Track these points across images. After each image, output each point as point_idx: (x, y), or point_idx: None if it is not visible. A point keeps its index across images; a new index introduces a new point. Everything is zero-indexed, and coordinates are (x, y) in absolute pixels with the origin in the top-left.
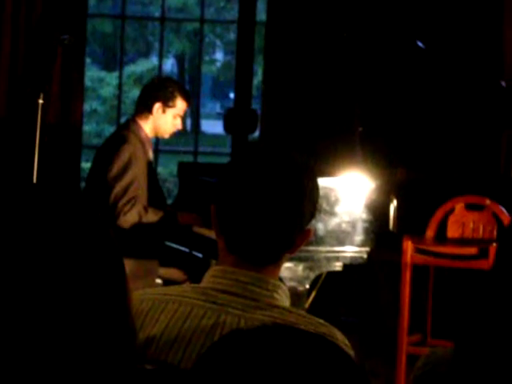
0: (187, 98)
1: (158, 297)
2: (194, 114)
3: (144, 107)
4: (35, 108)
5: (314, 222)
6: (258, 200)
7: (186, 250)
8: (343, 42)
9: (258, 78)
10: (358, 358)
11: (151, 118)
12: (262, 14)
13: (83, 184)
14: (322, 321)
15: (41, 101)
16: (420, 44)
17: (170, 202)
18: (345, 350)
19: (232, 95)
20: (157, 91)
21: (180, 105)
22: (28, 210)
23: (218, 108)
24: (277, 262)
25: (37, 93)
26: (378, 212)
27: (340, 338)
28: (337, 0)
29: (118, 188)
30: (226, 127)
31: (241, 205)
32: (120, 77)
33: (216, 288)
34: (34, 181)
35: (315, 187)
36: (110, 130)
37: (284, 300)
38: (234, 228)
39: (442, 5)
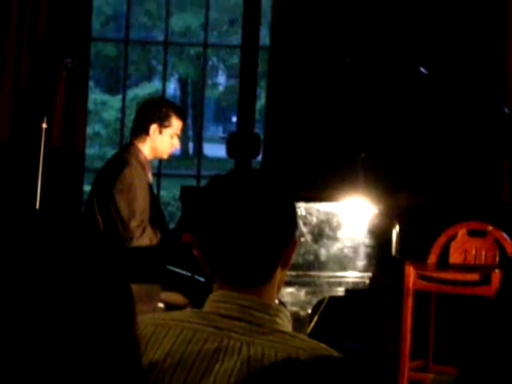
0: (182, 116)
1: (161, 322)
2: (196, 137)
3: (140, 130)
4: (38, 132)
5: (315, 246)
6: (233, 226)
7: (188, 274)
8: (346, 67)
9: (260, 102)
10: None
11: (149, 139)
12: (265, 39)
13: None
14: (323, 345)
15: (44, 125)
16: (423, 70)
17: (172, 225)
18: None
19: (234, 119)
20: (151, 112)
21: (176, 124)
22: (33, 237)
23: (220, 132)
24: (271, 281)
25: (40, 117)
26: (380, 237)
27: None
28: (340, 26)
29: (125, 211)
30: (228, 151)
31: (218, 235)
32: (123, 100)
33: (218, 313)
34: (38, 204)
35: (289, 202)
36: (112, 153)
37: (286, 324)
38: (218, 259)
39: (445, 31)
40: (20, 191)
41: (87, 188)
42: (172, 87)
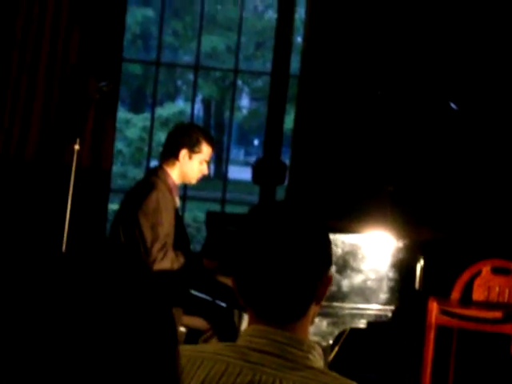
0: (212, 142)
1: (194, 354)
2: (218, 159)
3: (170, 154)
4: (68, 152)
5: (339, 278)
6: (270, 262)
7: (210, 298)
8: (377, 99)
9: (285, 128)
10: None
11: (178, 164)
12: (294, 66)
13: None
14: (354, 383)
15: (77, 146)
16: (453, 105)
17: (195, 247)
18: None
19: (256, 142)
20: (182, 138)
21: (205, 150)
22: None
23: (242, 154)
24: (305, 316)
25: (73, 138)
26: (404, 271)
27: None
28: (372, 57)
29: (148, 234)
30: (254, 177)
31: (255, 270)
32: (152, 120)
33: (251, 347)
34: (67, 224)
35: (324, 239)
36: (134, 171)
37: (318, 361)
38: (254, 295)
39: (476, 65)
40: (49, 211)
41: (109, 206)
42: (195, 108)
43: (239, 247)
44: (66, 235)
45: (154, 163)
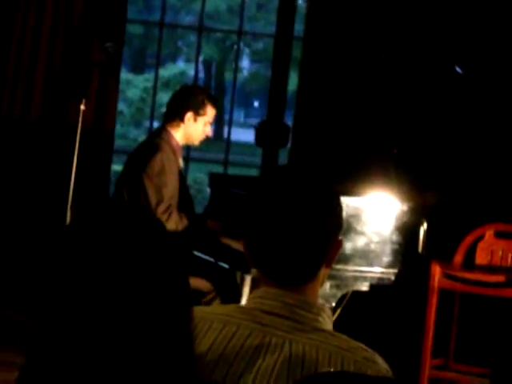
0: (216, 104)
1: (204, 314)
2: (220, 122)
3: (175, 116)
4: (70, 112)
5: (343, 239)
6: (282, 224)
7: (212, 260)
8: (381, 62)
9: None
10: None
11: (182, 126)
12: (297, 28)
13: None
14: (363, 345)
15: (82, 107)
16: (458, 69)
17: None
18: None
19: (256, 104)
20: (187, 100)
21: (210, 112)
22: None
23: (242, 116)
24: (315, 279)
25: (79, 98)
26: (407, 234)
27: (381, 362)
28: (377, 20)
29: (153, 196)
30: (257, 140)
31: (266, 232)
32: (156, 81)
33: (262, 309)
34: (72, 182)
35: (336, 202)
36: (134, 132)
37: (328, 323)
38: (265, 256)
39: (482, 30)
40: (53, 170)
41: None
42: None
43: (250, 209)
44: (71, 194)
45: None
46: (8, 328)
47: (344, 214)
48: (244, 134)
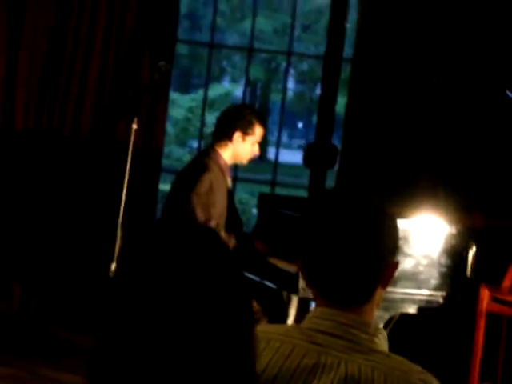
0: (264, 124)
1: (260, 334)
2: (264, 142)
3: (223, 136)
4: (120, 131)
5: (399, 261)
6: (338, 246)
7: (259, 279)
8: (432, 85)
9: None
10: None
11: (230, 145)
12: (348, 50)
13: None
14: (419, 368)
15: (134, 126)
16: (509, 93)
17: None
18: None
19: (300, 125)
20: (235, 120)
21: (258, 131)
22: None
23: (285, 137)
24: (371, 299)
25: (131, 117)
26: (455, 257)
27: None
28: (428, 42)
29: (201, 215)
30: (305, 161)
31: (324, 253)
32: (205, 100)
33: (317, 329)
34: (123, 203)
35: (392, 224)
36: (178, 152)
37: (384, 344)
38: (322, 277)
39: None
40: (103, 189)
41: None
42: (240, 90)
43: (307, 230)
44: (121, 213)
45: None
46: (53, 344)
47: None
48: (288, 155)
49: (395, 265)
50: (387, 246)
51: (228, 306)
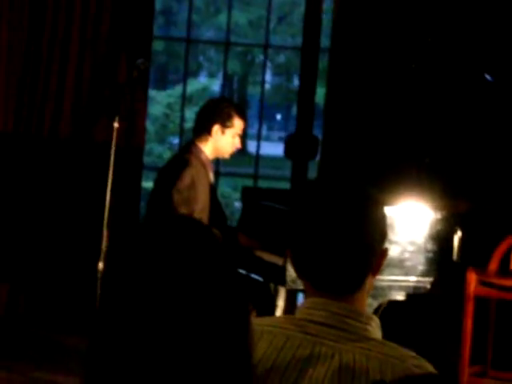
0: (244, 116)
1: (254, 327)
2: (245, 136)
3: (203, 130)
4: (99, 129)
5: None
6: (327, 235)
7: (244, 272)
8: (411, 71)
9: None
10: None
11: (211, 139)
12: (324, 40)
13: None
14: (413, 353)
15: (116, 124)
16: (488, 76)
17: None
18: None
19: (279, 117)
20: (213, 113)
21: (238, 124)
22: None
23: (264, 130)
24: (362, 288)
25: (112, 116)
26: (441, 242)
27: (431, 370)
28: (406, 30)
29: (184, 211)
30: (286, 152)
31: (313, 243)
32: (184, 96)
33: (311, 319)
34: (107, 200)
35: (380, 210)
36: (158, 148)
37: (377, 332)
38: (312, 267)
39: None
40: (85, 189)
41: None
42: (217, 84)
43: (295, 222)
44: (107, 213)
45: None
46: (44, 346)
47: None
48: (269, 148)
49: (385, 252)
50: (376, 233)
51: (224, 299)
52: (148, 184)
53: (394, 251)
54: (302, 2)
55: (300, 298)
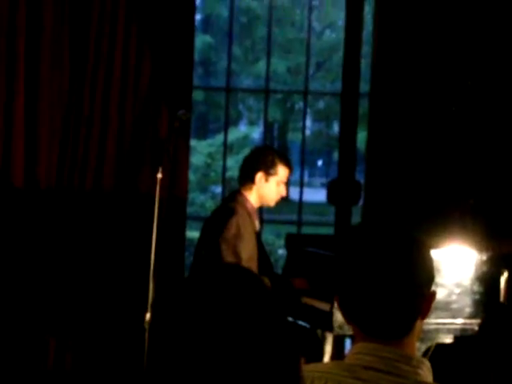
0: (288, 163)
1: (304, 373)
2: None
3: (247, 178)
4: (144, 181)
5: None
6: (376, 279)
7: (291, 319)
8: (452, 114)
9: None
10: None
11: (255, 188)
12: (363, 85)
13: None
14: None
15: (159, 175)
16: None
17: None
18: None
19: (320, 163)
20: (257, 161)
21: (282, 171)
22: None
23: (306, 176)
24: (412, 332)
25: (155, 167)
26: (488, 284)
27: None
28: (444, 72)
29: (231, 260)
30: (329, 198)
31: (361, 288)
32: (225, 144)
33: (361, 364)
34: (153, 252)
35: (427, 254)
36: (200, 198)
37: (428, 376)
38: (361, 312)
39: None
40: (131, 241)
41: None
42: (258, 132)
43: (344, 267)
44: (152, 264)
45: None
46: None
47: None
48: (310, 194)
49: (433, 295)
50: (424, 277)
51: (274, 348)
52: (191, 234)
53: (440, 294)
54: (340, 47)
55: (348, 344)
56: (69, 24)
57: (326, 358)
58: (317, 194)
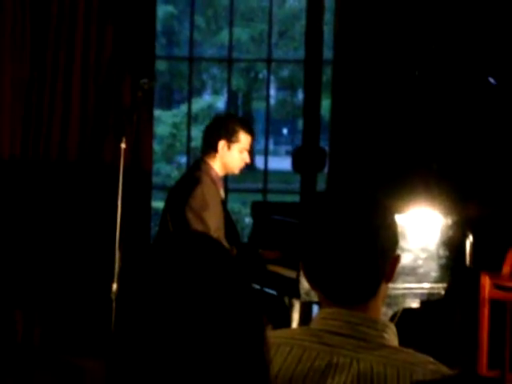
0: (250, 130)
1: (270, 339)
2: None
3: (209, 147)
4: (107, 151)
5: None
6: (339, 244)
7: (258, 287)
8: (415, 79)
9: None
10: None
11: (218, 156)
12: (327, 53)
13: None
14: (430, 359)
15: (123, 145)
16: (492, 80)
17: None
18: None
19: (285, 131)
20: (219, 129)
21: (244, 139)
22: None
23: (271, 144)
24: (376, 295)
25: (119, 137)
26: (453, 248)
27: (449, 374)
28: (407, 37)
29: (199, 229)
30: (294, 166)
31: (325, 253)
32: (189, 114)
33: (326, 330)
34: (118, 221)
35: (391, 217)
36: (166, 168)
37: (393, 339)
38: (325, 278)
39: None
40: (95, 211)
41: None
42: (222, 101)
43: (307, 234)
44: (118, 234)
45: (183, 159)
46: (62, 371)
47: None
48: (275, 162)
49: (397, 259)
50: (387, 240)
51: (239, 314)
52: (157, 204)
53: (406, 259)
54: (302, 15)
55: (315, 310)
56: None
57: (294, 325)
58: (282, 162)
